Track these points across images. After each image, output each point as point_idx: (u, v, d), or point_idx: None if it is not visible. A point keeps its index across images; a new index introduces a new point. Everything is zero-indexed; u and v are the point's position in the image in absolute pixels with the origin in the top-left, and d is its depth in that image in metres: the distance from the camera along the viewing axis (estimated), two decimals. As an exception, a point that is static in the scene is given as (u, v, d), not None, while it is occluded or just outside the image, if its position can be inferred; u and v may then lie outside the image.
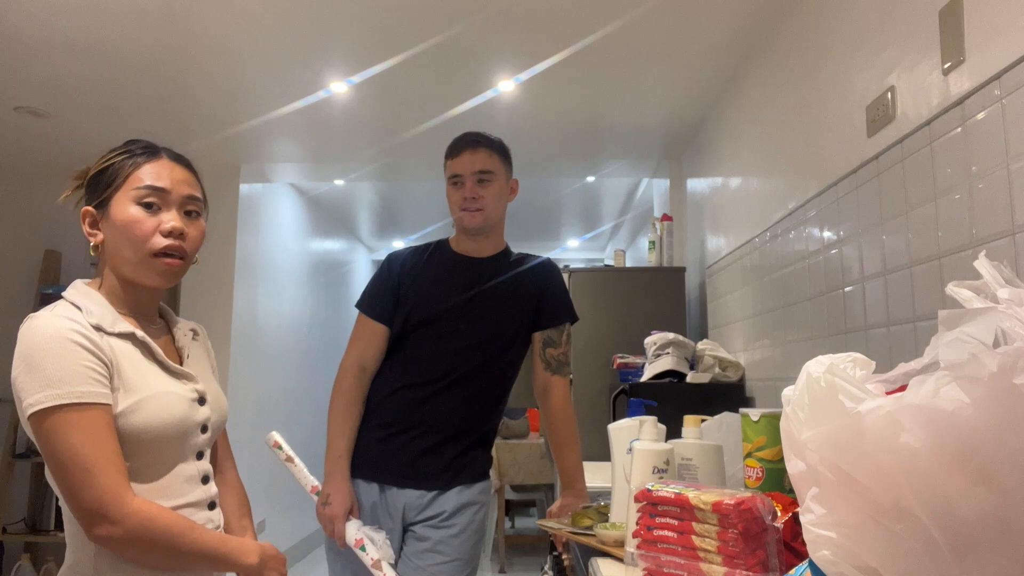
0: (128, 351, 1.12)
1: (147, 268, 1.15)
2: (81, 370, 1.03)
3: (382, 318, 1.91)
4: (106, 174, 1.17)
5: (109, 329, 1.11)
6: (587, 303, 3.38)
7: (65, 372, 1.02)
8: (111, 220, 1.15)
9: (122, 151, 1.19)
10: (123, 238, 1.14)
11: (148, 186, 1.15)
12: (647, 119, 3.47)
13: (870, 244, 1.77)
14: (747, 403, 2.76)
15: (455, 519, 1.82)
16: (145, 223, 1.14)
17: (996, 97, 1.31)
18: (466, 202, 1.87)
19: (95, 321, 1.09)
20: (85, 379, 1.03)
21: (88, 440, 1.01)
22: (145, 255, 1.14)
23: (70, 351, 1.03)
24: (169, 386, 1.15)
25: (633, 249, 6.26)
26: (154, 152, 1.19)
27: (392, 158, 4.06)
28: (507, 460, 4.75)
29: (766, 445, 1.40)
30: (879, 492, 0.68)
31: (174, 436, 1.14)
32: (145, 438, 1.10)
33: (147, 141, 1.22)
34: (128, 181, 1.15)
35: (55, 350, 1.02)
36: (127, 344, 1.13)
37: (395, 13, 2.44)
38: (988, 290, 0.77)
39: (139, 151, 1.19)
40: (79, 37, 2.58)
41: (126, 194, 1.15)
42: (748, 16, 2.46)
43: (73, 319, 1.07)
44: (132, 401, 1.09)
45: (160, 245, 1.14)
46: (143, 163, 1.17)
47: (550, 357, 1.94)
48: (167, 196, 1.16)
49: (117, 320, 1.13)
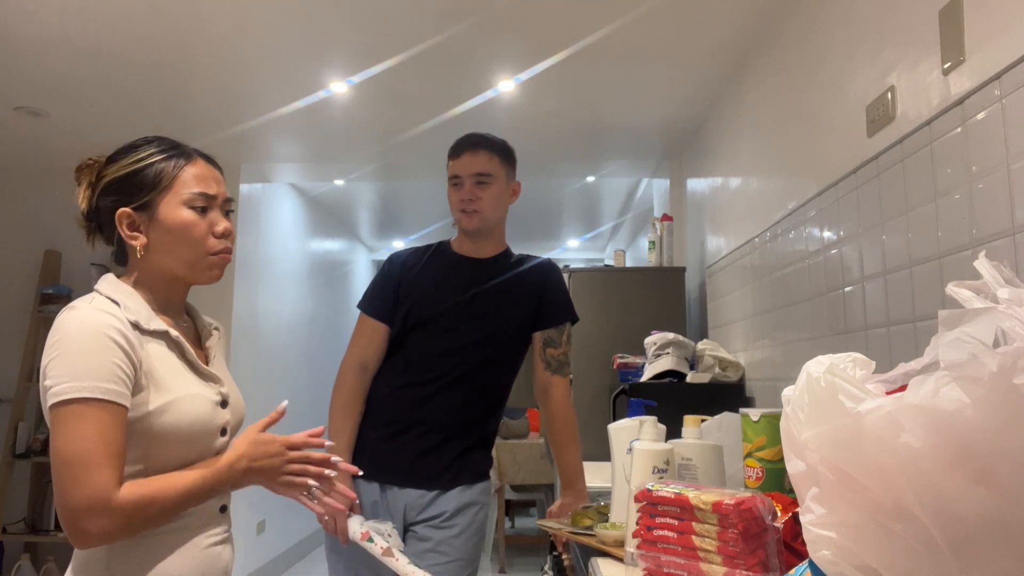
0: (160, 350, 1.14)
1: (205, 267, 1.19)
2: (111, 367, 1.04)
3: (382, 317, 1.91)
4: (145, 176, 1.17)
5: (145, 326, 1.12)
6: (587, 303, 3.38)
7: (95, 366, 1.03)
8: (161, 223, 1.17)
9: (155, 151, 1.19)
10: (179, 241, 1.17)
11: (200, 193, 1.18)
12: (647, 119, 3.47)
13: (870, 244, 1.77)
14: (747, 403, 2.76)
15: (456, 519, 1.82)
16: (200, 226, 1.18)
17: (996, 97, 1.31)
18: (464, 203, 1.88)
19: (133, 318, 1.11)
20: (112, 377, 1.04)
21: (98, 436, 1.02)
22: (203, 256, 1.18)
23: (105, 346, 1.04)
24: (197, 388, 1.16)
25: (633, 249, 6.26)
26: (187, 154, 1.21)
27: (392, 158, 4.06)
28: (507, 460, 4.75)
29: (766, 445, 1.40)
30: (879, 492, 0.68)
31: (197, 439, 1.14)
32: (169, 439, 1.11)
33: (169, 139, 1.23)
34: (175, 184, 1.17)
35: (90, 343, 1.04)
36: (160, 343, 1.14)
37: (395, 13, 2.44)
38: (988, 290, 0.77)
39: (173, 152, 1.20)
40: (79, 37, 2.58)
41: (175, 197, 1.17)
42: (748, 16, 2.46)
43: (113, 314, 1.08)
44: (162, 402, 1.10)
45: (218, 247, 1.20)
46: (184, 165, 1.19)
47: (550, 357, 1.94)
48: (214, 200, 1.21)
49: (152, 318, 1.15)
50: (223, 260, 1.21)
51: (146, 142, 1.21)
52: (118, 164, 1.19)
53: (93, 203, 1.21)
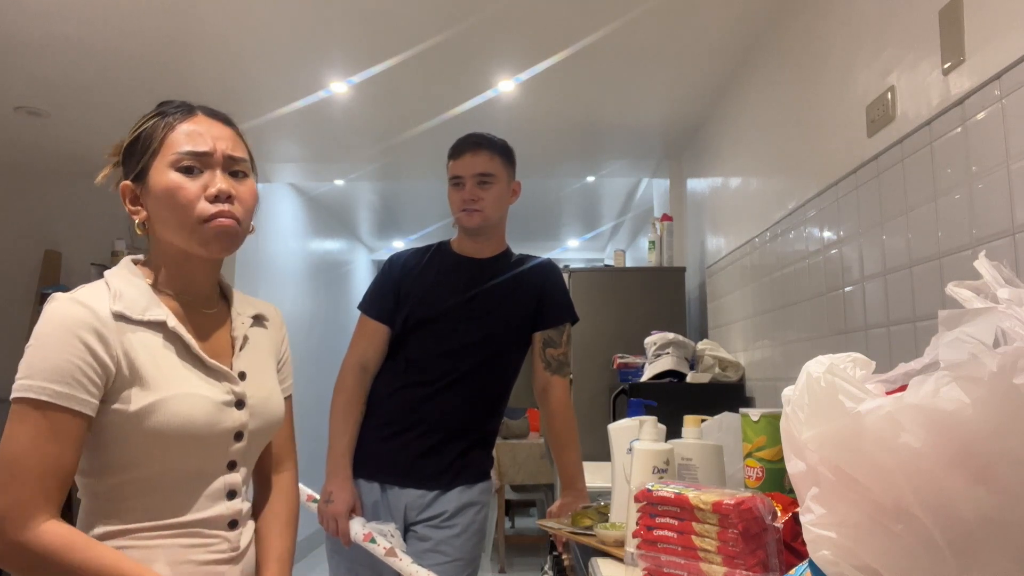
0: (151, 343, 1.00)
1: (199, 236, 1.03)
2: (70, 369, 0.93)
3: (383, 318, 1.91)
4: (139, 142, 1.05)
5: (136, 317, 1.00)
6: (587, 303, 3.38)
7: (50, 365, 0.92)
8: (150, 191, 1.04)
9: (154, 114, 1.07)
10: (167, 208, 1.02)
11: (188, 152, 1.03)
12: (647, 119, 3.47)
13: (870, 244, 1.77)
14: (747, 403, 2.76)
15: (456, 519, 1.82)
16: (187, 188, 1.02)
17: (996, 97, 1.31)
18: (465, 203, 1.88)
19: (120, 308, 0.99)
20: (69, 380, 0.92)
21: (34, 444, 0.91)
22: (194, 223, 1.02)
23: (66, 344, 0.93)
24: (195, 386, 1.02)
25: (633, 249, 6.26)
26: (189, 110, 1.08)
27: (392, 158, 4.06)
28: (507, 460, 4.75)
29: (766, 445, 1.40)
30: (879, 492, 0.68)
31: (195, 444, 1.01)
32: (160, 444, 0.98)
33: (181, 101, 1.10)
34: (164, 146, 1.04)
35: (51, 340, 0.93)
36: (155, 334, 1.01)
37: (395, 13, 2.43)
38: (988, 290, 0.77)
39: (172, 111, 1.07)
40: (79, 37, 2.58)
41: (163, 160, 1.03)
42: (748, 16, 2.46)
43: (90, 307, 0.96)
44: (148, 402, 0.97)
45: (208, 211, 1.02)
46: (177, 124, 1.05)
47: (550, 357, 1.94)
48: (208, 158, 1.04)
49: (151, 306, 1.02)
50: (221, 226, 1.02)
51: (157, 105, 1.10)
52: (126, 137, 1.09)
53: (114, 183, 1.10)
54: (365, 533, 1.71)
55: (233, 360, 1.10)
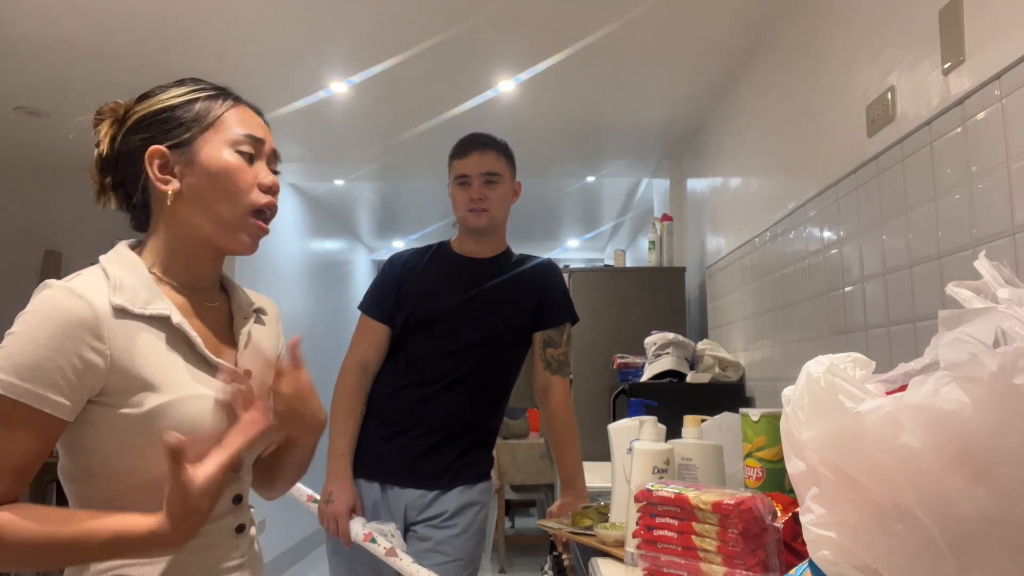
0: (154, 341, 0.93)
1: (240, 229, 0.99)
2: (50, 368, 0.85)
3: (383, 318, 1.91)
4: (187, 111, 0.99)
5: (137, 310, 0.92)
6: (587, 303, 3.38)
7: (29, 361, 0.85)
8: (200, 165, 0.97)
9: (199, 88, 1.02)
10: (220, 188, 0.97)
11: (249, 135, 1.00)
12: (647, 119, 3.47)
13: (870, 244, 1.77)
14: (747, 403, 2.76)
15: (457, 519, 1.82)
16: (246, 173, 0.99)
17: (996, 97, 1.31)
18: (473, 203, 1.88)
19: (120, 301, 0.91)
20: (47, 379, 0.85)
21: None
22: (244, 211, 0.98)
23: (55, 343, 0.85)
24: (199, 387, 0.95)
25: (633, 249, 6.26)
26: (235, 97, 1.04)
27: (392, 158, 4.06)
28: (507, 460, 4.74)
29: (766, 445, 1.40)
30: (879, 492, 0.68)
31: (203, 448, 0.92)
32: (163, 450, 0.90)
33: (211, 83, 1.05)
34: (220, 123, 0.99)
35: (35, 332, 0.85)
36: (158, 331, 0.94)
37: (395, 13, 2.44)
38: (988, 290, 0.77)
39: (219, 92, 1.03)
40: (79, 37, 2.58)
41: (219, 136, 0.98)
42: (748, 16, 2.46)
43: (89, 301, 0.88)
44: (154, 405, 0.91)
45: (261, 201, 0.99)
46: (234, 104, 1.02)
47: (550, 357, 1.94)
48: (262, 147, 1.02)
49: (153, 299, 0.94)
50: (262, 228, 1.00)
51: (186, 80, 1.04)
52: (152, 99, 1.01)
53: (115, 146, 1.00)
54: (365, 533, 1.71)
55: (237, 357, 1.04)
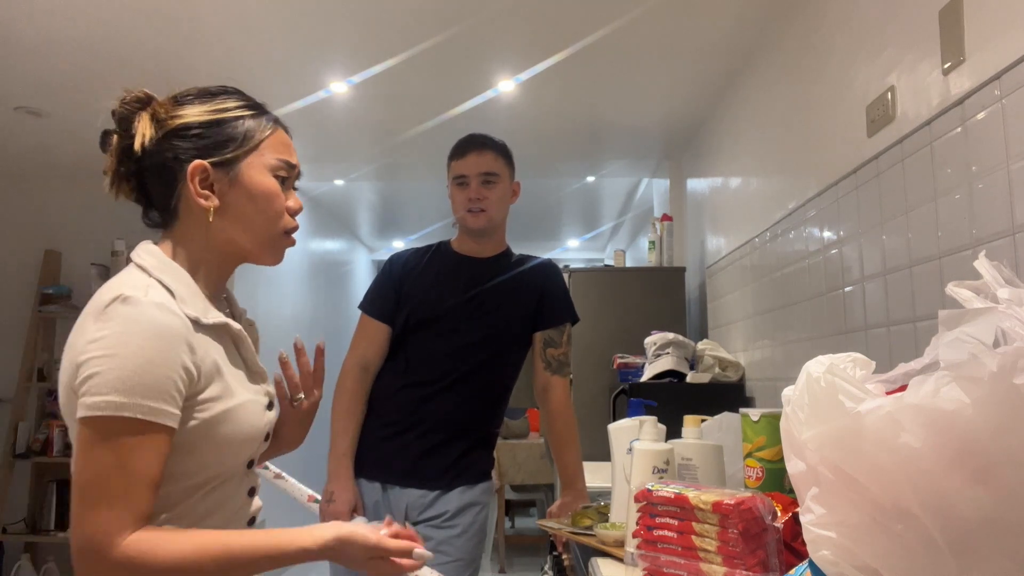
0: (219, 349, 0.97)
1: (275, 246, 1.06)
2: (166, 383, 0.87)
3: (384, 318, 1.91)
4: (234, 129, 1.02)
5: (204, 320, 0.96)
6: (587, 303, 3.38)
7: (147, 381, 0.86)
8: (243, 187, 1.01)
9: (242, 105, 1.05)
10: (259, 211, 1.02)
11: (286, 162, 1.06)
12: (647, 119, 3.47)
13: (870, 244, 1.77)
14: (747, 403, 2.76)
15: (458, 519, 1.82)
16: (282, 198, 1.05)
17: (996, 97, 1.31)
18: (471, 203, 1.88)
19: (191, 312, 0.94)
20: (164, 395, 0.87)
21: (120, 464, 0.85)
22: (278, 232, 1.05)
23: (164, 358, 0.87)
24: (249, 391, 1.01)
25: (633, 249, 6.26)
26: (275, 118, 1.08)
27: (392, 158, 4.05)
28: (507, 460, 4.74)
29: (766, 445, 1.40)
30: (879, 492, 0.68)
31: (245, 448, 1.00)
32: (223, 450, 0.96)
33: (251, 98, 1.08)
34: (264, 147, 1.03)
35: (148, 352, 0.86)
36: (220, 339, 0.98)
37: (395, 13, 2.44)
38: (988, 290, 0.77)
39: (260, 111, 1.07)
40: (79, 37, 2.58)
41: (260, 160, 1.03)
42: (748, 16, 2.46)
43: (176, 313, 0.91)
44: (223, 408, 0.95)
45: (292, 224, 1.07)
46: (277, 129, 1.07)
47: (550, 357, 1.94)
48: (293, 173, 1.09)
49: (208, 308, 0.98)
50: (291, 244, 1.08)
51: (226, 92, 1.05)
52: (197, 108, 1.02)
53: (151, 144, 0.99)
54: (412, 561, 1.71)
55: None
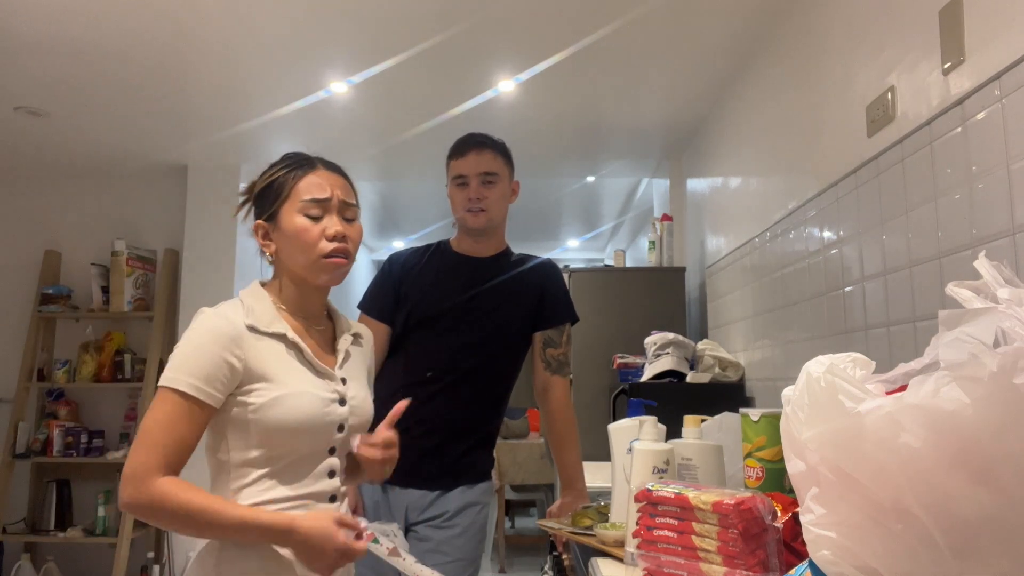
0: (277, 349, 1.25)
1: (318, 269, 1.28)
2: (210, 369, 1.16)
3: (383, 317, 1.91)
4: (272, 189, 1.30)
5: (263, 328, 1.24)
6: (587, 303, 3.38)
7: (194, 365, 1.16)
8: (282, 231, 1.28)
9: (282, 166, 1.31)
10: (295, 246, 1.27)
11: (312, 199, 1.27)
12: (647, 119, 3.47)
13: (870, 244, 1.77)
14: (747, 403, 2.76)
15: (458, 519, 1.82)
16: (312, 231, 1.26)
17: (996, 97, 1.31)
18: (471, 203, 1.87)
19: (252, 321, 1.23)
20: (207, 377, 1.16)
21: (166, 422, 1.14)
22: (316, 258, 1.27)
23: (210, 350, 1.17)
24: (309, 385, 1.25)
25: (633, 249, 6.26)
26: (310, 164, 1.31)
27: (392, 158, 4.06)
28: (507, 460, 4.74)
29: (766, 445, 1.40)
30: (879, 492, 0.68)
31: (306, 431, 1.23)
32: (280, 429, 1.21)
33: (302, 153, 1.35)
34: (293, 194, 1.28)
35: (200, 343, 1.18)
36: (277, 343, 1.25)
37: (395, 13, 2.43)
38: (988, 290, 0.77)
39: (295, 163, 1.31)
40: (79, 37, 2.58)
41: (292, 206, 1.27)
42: (748, 16, 2.46)
43: (230, 319, 1.21)
44: (273, 396, 1.21)
45: (328, 249, 1.27)
46: (303, 176, 1.29)
47: (550, 357, 1.94)
48: (327, 204, 1.29)
49: (275, 320, 1.26)
50: (335, 264, 1.27)
51: (285, 157, 1.34)
52: (260, 179, 1.33)
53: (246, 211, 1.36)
54: (367, 534, 1.71)
55: (336, 368, 1.32)
